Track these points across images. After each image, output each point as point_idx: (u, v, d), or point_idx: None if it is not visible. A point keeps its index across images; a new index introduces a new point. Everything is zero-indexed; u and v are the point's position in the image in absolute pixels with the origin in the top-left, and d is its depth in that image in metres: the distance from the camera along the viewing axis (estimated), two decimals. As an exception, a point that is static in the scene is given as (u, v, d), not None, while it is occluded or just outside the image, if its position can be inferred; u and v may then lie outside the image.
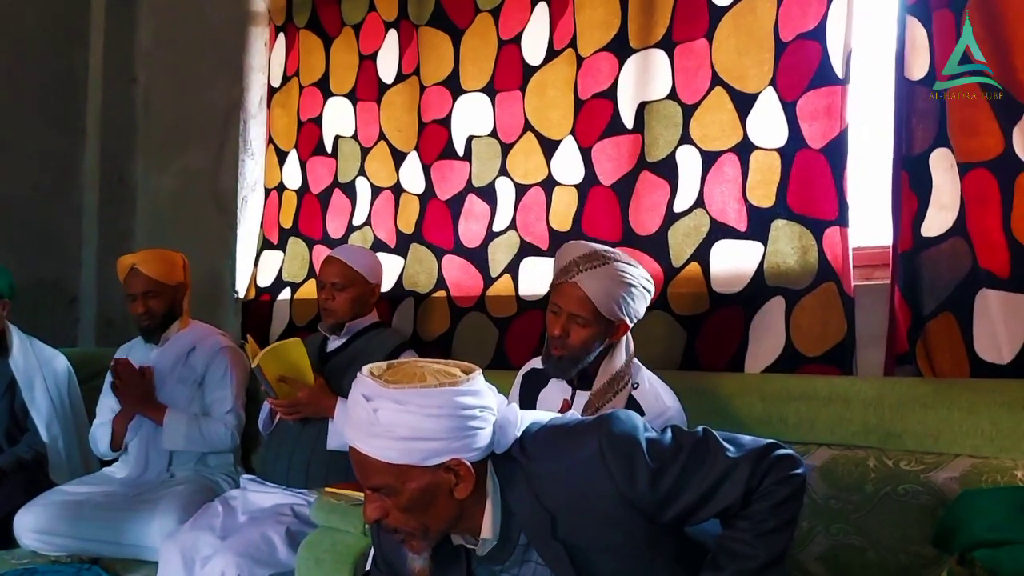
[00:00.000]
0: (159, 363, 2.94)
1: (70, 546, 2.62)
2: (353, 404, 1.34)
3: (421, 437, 1.29)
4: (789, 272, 2.27)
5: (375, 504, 1.35)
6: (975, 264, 1.98)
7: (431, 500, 1.34)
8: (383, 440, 1.30)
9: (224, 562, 2.25)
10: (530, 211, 2.81)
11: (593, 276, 1.91)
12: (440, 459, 1.31)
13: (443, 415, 1.30)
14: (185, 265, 3.02)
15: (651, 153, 2.52)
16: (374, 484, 1.34)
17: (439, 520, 1.37)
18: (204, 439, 2.82)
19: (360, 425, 1.32)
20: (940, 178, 2.06)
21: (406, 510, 1.34)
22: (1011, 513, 1.56)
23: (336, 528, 2.27)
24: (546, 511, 1.37)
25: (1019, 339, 1.92)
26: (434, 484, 1.33)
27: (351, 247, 2.87)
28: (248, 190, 3.75)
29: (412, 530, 1.37)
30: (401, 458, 1.30)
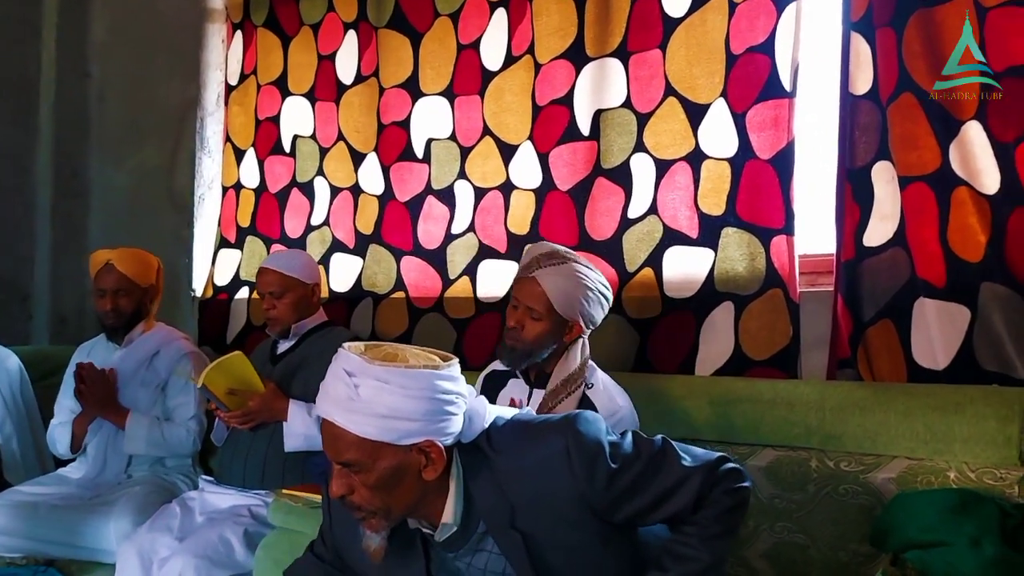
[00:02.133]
0: (122, 365, 2.90)
1: (25, 547, 2.60)
2: (332, 379, 1.35)
3: (399, 416, 1.31)
4: (738, 278, 2.34)
5: (342, 480, 1.36)
6: (913, 274, 2.07)
7: (399, 480, 1.35)
8: (361, 416, 1.31)
9: (182, 563, 2.26)
10: (488, 214, 2.86)
11: (551, 273, 1.98)
12: (414, 440, 1.33)
13: (423, 397, 1.32)
14: (160, 269, 3.00)
15: (606, 160, 2.58)
16: (346, 459, 1.34)
17: (402, 501, 1.38)
18: (166, 443, 2.81)
19: (339, 399, 1.32)
20: (882, 190, 2.14)
21: (373, 488, 1.35)
22: (942, 516, 1.64)
23: (294, 529, 2.29)
24: (507, 501, 1.40)
25: (954, 346, 2.01)
26: (405, 464, 1.34)
27: (281, 253, 2.83)
28: (205, 188, 3.74)
29: (375, 509, 1.38)
30: (378, 435, 1.31)
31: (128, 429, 2.78)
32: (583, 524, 1.40)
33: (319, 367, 2.61)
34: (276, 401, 2.55)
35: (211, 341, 3.52)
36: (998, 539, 1.56)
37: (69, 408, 2.90)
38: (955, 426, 1.87)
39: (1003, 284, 1.95)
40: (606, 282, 2.05)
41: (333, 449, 1.36)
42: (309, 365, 2.67)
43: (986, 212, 1.98)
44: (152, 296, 2.98)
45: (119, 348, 2.94)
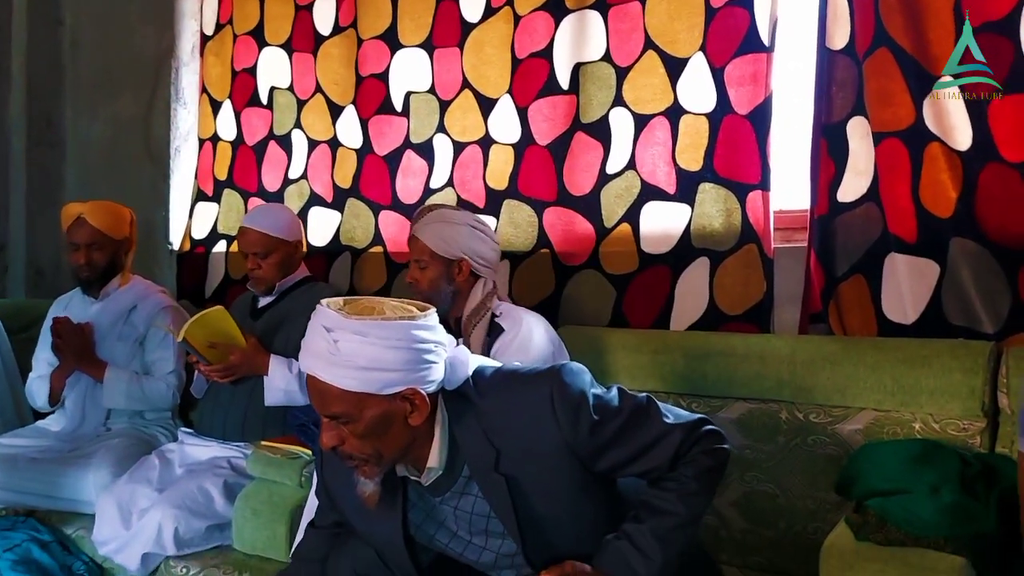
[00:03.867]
0: (99, 319, 2.89)
1: (4, 499, 2.61)
2: (312, 335, 1.39)
3: (380, 368, 1.35)
4: (714, 234, 2.36)
5: (332, 432, 1.41)
6: (885, 229, 2.09)
7: (387, 427, 1.40)
8: (343, 369, 1.35)
9: (161, 514, 2.29)
10: (467, 169, 2.85)
11: (424, 223, 2.19)
12: (397, 388, 1.37)
13: (401, 347, 1.36)
14: (132, 221, 2.96)
15: (585, 114, 2.57)
16: (333, 412, 1.39)
17: (392, 447, 1.42)
18: (145, 397, 2.81)
19: (320, 355, 1.36)
20: (856, 145, 2.16)
21: (362, 437, 1.39)
22: (904, 465, 1.69)
23: (273, 480, 2.33)
24: (492, 446, 1.44)
25: (923, 301, 2.04)
26: (390, 412, 1.39)
27: (262, 210, 2.80)
28: (181, 140, 3.70)
29: (366, 456, 1.42)
30: (360, 387, 1.35)
31: (107, 383, 2.78)
32: (565, 471, 1.44)
33: (301, 322, 2.59)
34: (257, 356, 2.55)
35: (189, 295, 3.51)
36: (957, 487, 1.60)
37: (47, 361, 2.90)
38: (922, 379, 1.91)
39: (972, 239, 1.98)
40: (479, 218, 2.23)
41: (319, 403, 1.40)
42: (291, 320, 2.67)
43: (958, 168, 2.00)
44: (126, 248, 2.95)
45: (96, 302, 2.93)
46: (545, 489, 1.45)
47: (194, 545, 2.31)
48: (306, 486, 2.25)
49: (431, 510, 1.55)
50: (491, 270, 2.20)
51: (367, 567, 1.60)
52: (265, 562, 2.23)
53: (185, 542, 2.29)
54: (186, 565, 2.28)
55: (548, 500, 1.46)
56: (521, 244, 2.71)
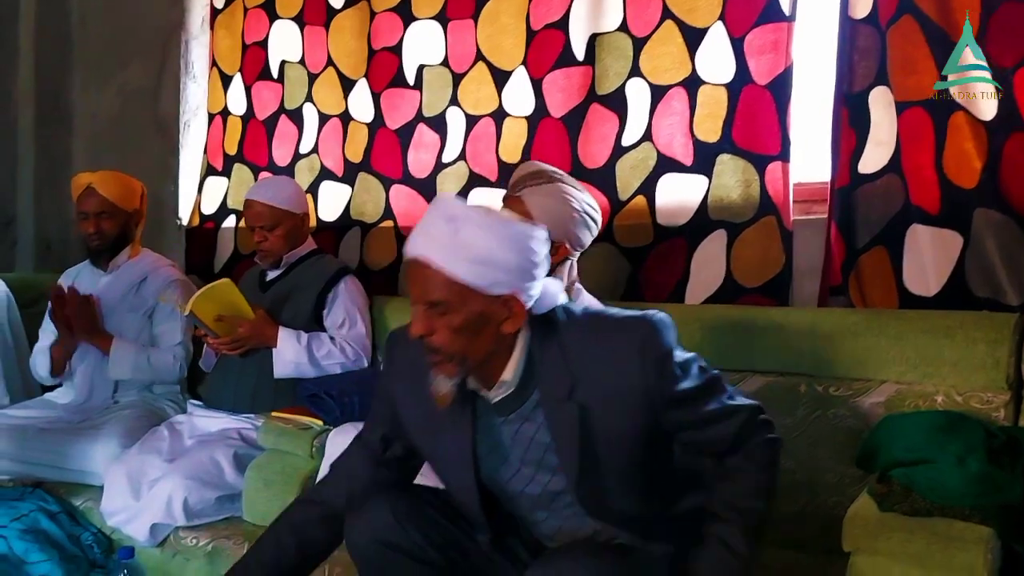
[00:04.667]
0: (109, 291, 2.88)
1: (12, 470, 2.60)
2: (433, 220, 1.38)
3: (493, 264, 1.34)
4: (732, 206, 2.32)
5: (425, 320, 1.38)
6: (907, 200, 2.06)
7: (480, 328, 1.38)
8: (458, 257, 1.34)
9: (172, 484, 2.28)
10: (480, 142, 2.81)
11: (537, 192, 1.97)
12: (502, 290, 1.36)
13: (517, 250, 1.36)
14: (143, 194, 2.96)
15: (601, 86, 2.54)
16: (433, 299, 1.37)
17: (479, 350, 1.40)
18: (152, 369, 2.79)
19: (437, 239, 1.35)
20: (878, 115, 2.12)
21: (456, 331, 1.37)
22: (929, 435, 1.66)
23: (284, 451, 2.31)
24: (570, 374, 1.42)
25: (945, 272, 2.01)
26: (488, 313, 1.38)
27: (268, 183, 2.79)
28: (191, 114, 3.67)
29: (452, 353, 1.39)
30: (470, 278, 1.34)
31: (113, 354, 2.75)
32: (635, 418, 1.42)
33: (309, 295, 2.63)
34: (266, 327, 2.54)
35: (198, 270, 3.48)
36: (983, 457, 1.57)
37: (53, 333, 2.88)
38: (945, 350, 1.88)
39: (997, 210, 1.94)
40: (594, 204, 2.04)
41: (421, 288, 1.38)
42: (299, 293, 2.65)
43: (982, 137, 1.97)
44: (136, 221, 2.94)
45: (105, 274, 2.91)
46: (612, 431, 1.43)
47: (204, 516, 2.30)
48: (317, 457, 2.22)
49: (489, 430, 1.51)
50: (576, 254, 2.08)
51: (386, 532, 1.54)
52: (276, 533, 2.20)
53: (195, 512, 2.28)
54: (196, 535, 2.26)
55: (611, 443, 1.44)
56: (535, 218, 2.68)
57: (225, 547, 2.19)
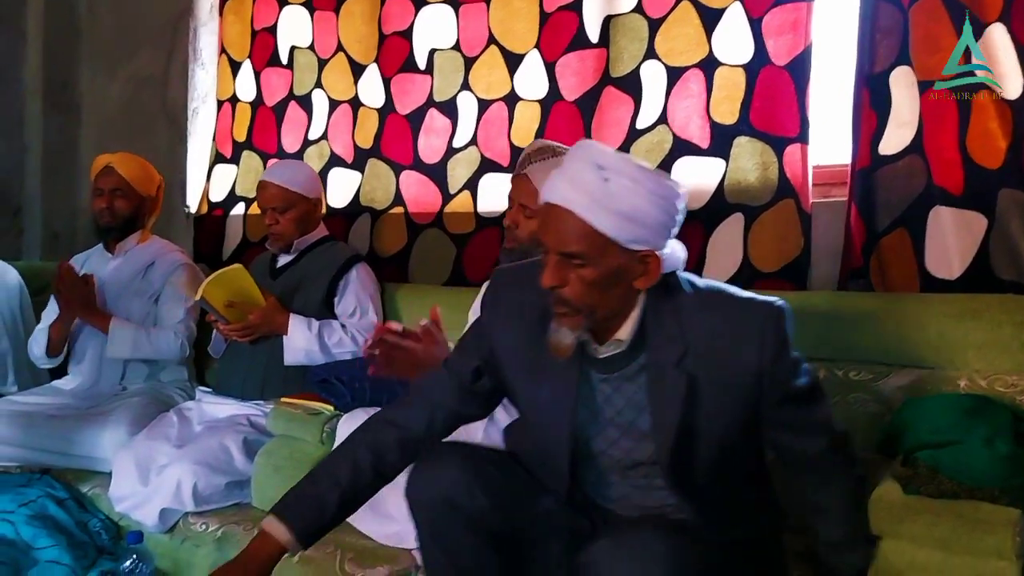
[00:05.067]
0: (116, 275, 2.87)
1: (19, 456, 2.57)
2: (580, 168, 1.32)
3: (638, 219, 1.30)
4: (749, 189, 2.29)
5: (559, 271, 1.34)
6: (930, 181, 2.02)
7: (614, 283, 1.34)
8: (604, 209, 1.29)
9: (180, 470, 2.25)
10: (492, 126, 2.78)
11: (542, 168, 1.92)
12: (641, 246, 1.32)
13: (663, 207, 1.31)
14: (161, 185, 2.97)
15: (616, 68, 2.50)
16: (572, 250, 1.32)
17: (607, 305, 1.37)
18: (152, 346, 2.76)
19: (584, 189, 1.30)
20: (900, 96, 2.08)
21: (589, 285, 1.33)
22: (955, 418, 1.62)
23: (294, 437, 2.28)
24: (684, 340, 1.38)
25: (969, 255, 1.97)
26: (624, 268, 1.33)
27: (283, 165, 2.78)
28: (199, 101, 3.64)
29: (581, 307, 1.35)
30: (613, 232, 1.30)
31: (112, 332, 2.72)
32: (741, 397, 1.39)
33: (320, 282, 2.60)
34: (277, 315, 2.52)
35: (207, 258, 3.46)
36: (1011, 439, 1.53)
37: (55, 313, 2.85)
38: (969, 333, 1.84)
39: (1022, 190, 1.90)
40: None
41: (559, 238, 1.33)
42: (310, 280, 2.63)
43: (1007, 117, 1.93)
44: (150, 208, 2.94)
45: (113, 258, 2.89)
46: (714, 407, 1.39)
47: (213, 501, 2.26)
48: (327, 442, 2.19)
49: (587, 384, 1.47)
50: None
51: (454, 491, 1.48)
52: (286, 519, 2.17)
53: (204, 498, 2.24)
54: (205, 521, 2.23)
55: (711, 418, 1.40)
56: (547, 203, 2.64)
57: (235, 533, 2.16)
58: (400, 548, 1.95)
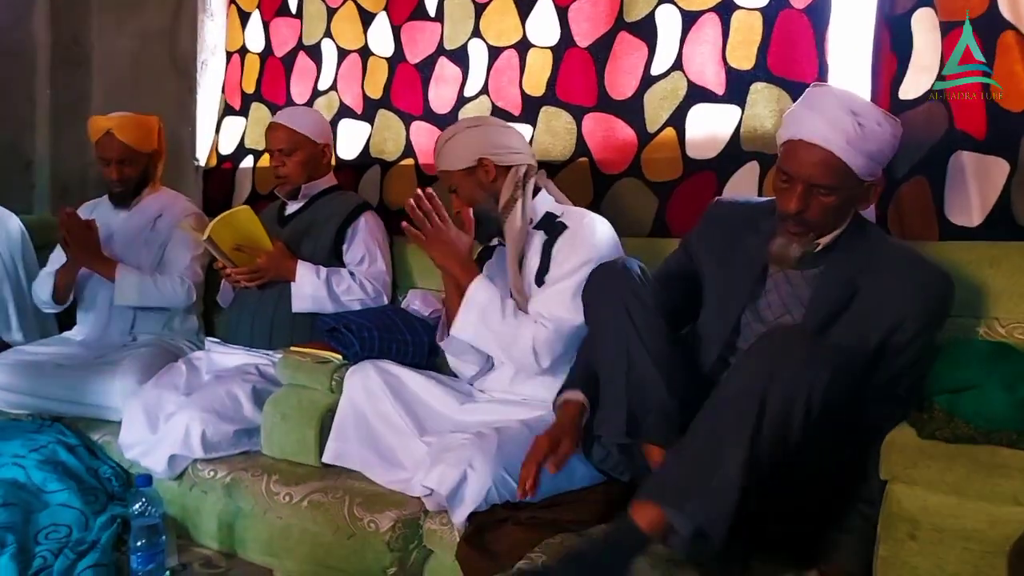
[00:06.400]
0: (126, 226, 2.88)
1: (29, 404, 2.59)
2: (834, 110, 1.52)
3: (877, 157, 1.56)
4: (766, 136, 2.23)
5: (803, 199, 1.55)
6: (951, 126, 1.96)
7: (847, 208, 1.61)
8: (856, 151, 1.52)
9: (188, 417, 2.24)
10: (503, 75, 2.73)
11: (443, 153, 2.10)
12: (873, 178, 1.59)
13: (893, 146, 1.57)
14: (160, 131, 2.95)
15: (629, 13, 2.44)
16: (824, 182, 1.54)
17: (835, 224, 1.61)
18: (159, 292, 2.77)
19: (843, 131, 1.51)
20: (922, 38, 2.02)
21: (831, 209, 1.57)
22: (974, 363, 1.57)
23: (303, 385, 2.28)
24: (859, 266, 1.61)
25: (990, 201, 1.92)
26: (857, 194, 1.59)
27: (293, 109, 2.79)
28: (208, 53, 3.60)
29: (817, 224, 1.59)
30: (860, 168, 1.54)
31: (118, 279, 2.73)
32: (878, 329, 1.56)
33: (328, 229, 2.58)
34: (284, 260, 2.50)
35: (216, 211, 3.37)
36: (1031, 384, 1.50)
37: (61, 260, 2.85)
38: (988, 281, 1.79)
39: (1048, 134, 1.85)
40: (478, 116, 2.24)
41: (814, 171, 1.54)
42: (317, 227, 2.61)
43: (1034, 58, 1.86)
44: (156, 160, 2.95)
45: (124, 211, 2.89)
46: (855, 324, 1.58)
47: (222, 449, 2.26)
48: (336, 391, 2.19)
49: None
50: (519, 155, 2.10)
51: None
52: (294, 466, 2.18)
53: (213, 445, 2.24)
54: (213, 468, 2.23)
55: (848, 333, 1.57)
56: (558, 153, 2.60)
57: (243, 479, 2.16)
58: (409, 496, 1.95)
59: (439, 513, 1.84)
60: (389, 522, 1.88)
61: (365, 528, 1.90)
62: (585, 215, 2.05)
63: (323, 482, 2.06)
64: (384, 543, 1.87)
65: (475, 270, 2.05)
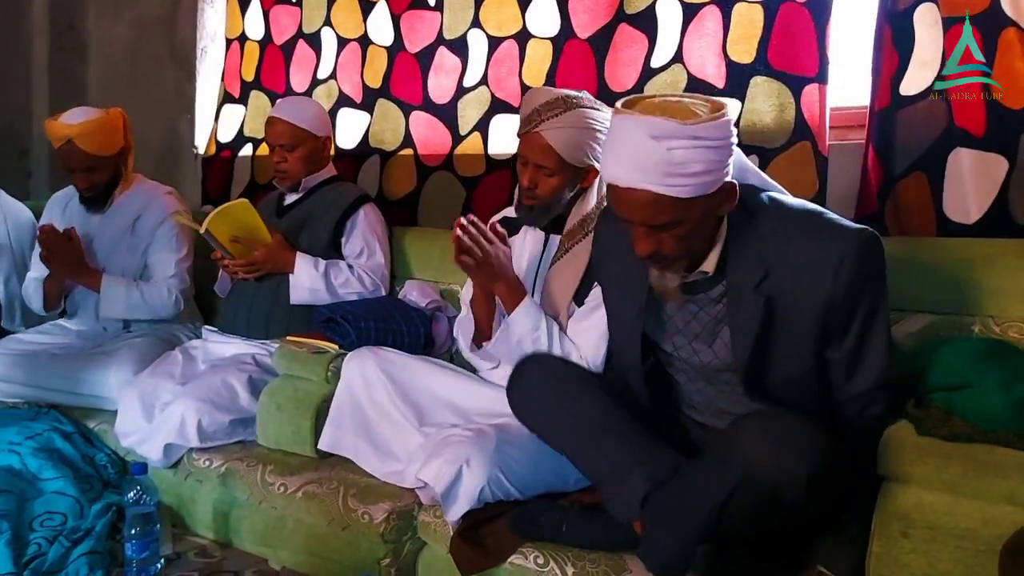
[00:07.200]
0: (103, 231, 2.77)
1: (26, 394, 2.58)
2: (636, 145, 1.33)
3: (711, 169, 1.33)
4: (765, 130, 2.23)
5: (650, 240, 1.41)
6: (951, 123, 1.96)
7: (704, 225, 1.42)
8: (679, 178, 1.32)
9: (184, 407, 2.24)
10: (502, 65, 2.72)
11: (556, 124, 1.89)
12: (716, 186, 1.37)
13: (725, 145, 1.35)
14: (125, 124, 2.75)
15: (630, 4, 2.44)
16: (660, 222, 1.38)
17: (700, 243, 1.45)
18: (146, 304, 2.70)
19: (651, 168, 1.32)
20: (923, 34, 2.01)
21: (684, 238, 1.41)
22: (970, 361, 1.57)
23: (298, 376, 2.27)
24: (763, 266, 1.44)
25: (988, 199, 1.92)
26: (708, 208, 1.39)
27: (293, 101, 2.70)
28: (208, 40, 3.59)
29: (680, 255, 1.45)
30: (694, 192, 1.34)
31: (104, 292, 2.67)
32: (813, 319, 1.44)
33: (326, 221, 2.57)
34: (282, 252, 2.49)
35: (215, 200, 3.44)
36: (1027, 383, 1.50)
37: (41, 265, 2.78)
38: (984, 279, 1.79)
39: (1048, 132, 1.85)
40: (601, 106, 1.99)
41: (644, 215, 1.38)
42: (316, 218, 2.59)
43: (1035, 55, 1.86)
44: (125, 156, 2.77)
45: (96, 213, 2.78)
46: (788, 327, 1.46)
47: (217, 439, 2.26)
48: (332, 381, 2.18)
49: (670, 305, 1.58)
50: None
51: None
52: (289, 456, 2.18)
53: (208, 435, 2.24)
54: (209, 458, 2.23)
55: (785, 339, 1.47)
56: (558, 145, 2.59)
57: (238, 469, 2.16)
58: (403, 488, 1.95)
59: (433, 506, 1.83)
60: (383, 514, 1.88)
61: (359, 519, 1.90)
62: None
63: (318, 473, 2.06)
64: (378, 534, 1.87)
65: (522, 292, 1.94)
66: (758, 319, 1.44)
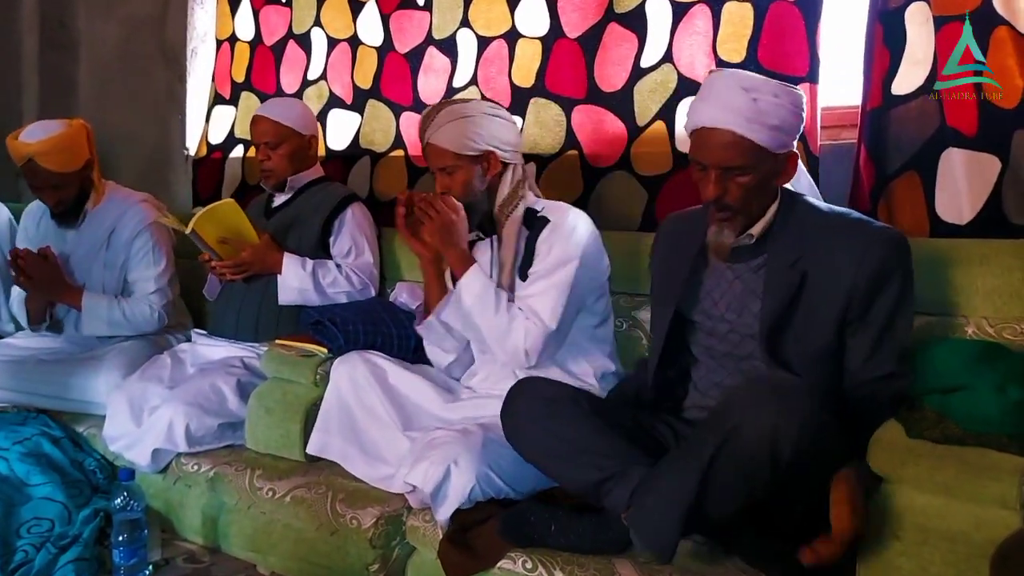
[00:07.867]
0: (77, 247, 2.71)
1: (14, 400, 2.55)
2: (727, 92, 1.53)
3: (783, 128, 1.53)
4: (755, 130, 2.21)
5: (720, 183, 1.56)
6: (943, 122, 1.94)
7: (767, 184, 1.59)
8: (759, 125, 1.51)
9: (172, 411, 2.23)
10: (492, 65, 2.71)
11: (435, 127, 2.00)
12: (785, 149, 1.56)
13: (797, 113, 1.55)
14: (88, 135, 2.65)
15: (620, 4, 2.42)
16: (732, 164, 1.54)
17: (760, 203, 1.61)
18: (128, 322, 2.65)
19: (738, 111, 1.51)
20: (915, 33, 2.00)
21: (750, 189, 1.57)
22: (964, 363, 1.55)
23: (287, 379, 2.26)
24: (800, 248, 1.59)
25: (981, 199, 1.90)
26: (773, 170, 1.58)
27: (277, 101, 2.70)
28: (198, 41, 3.56)
29: (741, 208, 1.59)
30: (767, 142, 1.53)
31: (85, 311, 2.63)
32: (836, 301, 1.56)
33: (315, 222, 2.55)
34: (270, 253, 2.47)
35: (206, 201, 3.41)
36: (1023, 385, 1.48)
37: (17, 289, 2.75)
38: (978, 279, 1.78)
39: (1040, 132, 1.83)
40: (491, 102, 2.15)
41: (720, 155, 1.55)
42: (304, 219, 2.58)
43: (1026, 53, 1.84)
44: (90, 169, 2.68)
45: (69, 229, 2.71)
46: (814, 304, 1.58)
47: (206, 443, 2.25)
48: (321, 384, 2.17)
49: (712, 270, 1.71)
50: (517, 154, 2.05)
51: None
52: (278, 460, 2.16)
53: (197, 439, 2.23)
54: (197, 462, 2.22)
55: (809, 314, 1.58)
56: (548, 145, 2.58)
57: (227, 474, 2.15)
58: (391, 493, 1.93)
59: (422, 510, 1.82)
60: (372, 519, 1.87)
61: (348, 524, 1.89)
62: (565, 210, 2.00)
63: (306, 477, 2.05)
64: (367, 539, 1.86)
65: (471, 258, 2.01)
66: (791, 289, 1.58)
